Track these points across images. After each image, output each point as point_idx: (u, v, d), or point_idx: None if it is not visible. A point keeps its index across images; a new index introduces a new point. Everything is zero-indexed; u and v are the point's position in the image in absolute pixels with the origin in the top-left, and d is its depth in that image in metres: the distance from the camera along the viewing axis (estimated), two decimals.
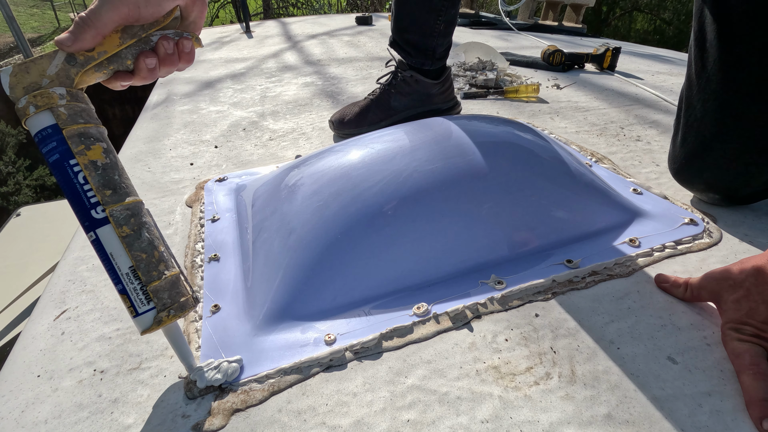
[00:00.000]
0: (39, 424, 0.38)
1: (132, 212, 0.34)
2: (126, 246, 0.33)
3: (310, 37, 2.19)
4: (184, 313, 0.35)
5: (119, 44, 0.34)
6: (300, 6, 7.02)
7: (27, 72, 0.32)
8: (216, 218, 0.66)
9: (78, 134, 0.33)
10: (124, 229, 0.33)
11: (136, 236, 0.34)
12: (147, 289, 0.34)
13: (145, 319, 0.34)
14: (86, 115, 0.34)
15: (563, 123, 1.02)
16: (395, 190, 0.53)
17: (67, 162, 0.32)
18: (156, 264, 0.34)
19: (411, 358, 0.43)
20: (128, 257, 0.33)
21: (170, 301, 0.35)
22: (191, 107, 1.23)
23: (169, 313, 0.34)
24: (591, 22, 8.28)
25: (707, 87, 0.57)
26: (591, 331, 0.45)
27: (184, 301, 0.36)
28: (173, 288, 0.35)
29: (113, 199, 0.33)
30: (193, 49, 0.37)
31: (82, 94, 0.34)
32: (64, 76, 0.33)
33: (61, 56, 0.32)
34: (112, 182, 0.34)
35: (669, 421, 0.36)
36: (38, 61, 0.32)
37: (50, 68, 0.32)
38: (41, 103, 0.32)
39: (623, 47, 1.77)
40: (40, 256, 2.19)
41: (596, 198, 0.60)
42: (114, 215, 0.33)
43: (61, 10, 12.10)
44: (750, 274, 0.40)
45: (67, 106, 0.32)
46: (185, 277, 0.37)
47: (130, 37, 0.34)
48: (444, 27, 0.91)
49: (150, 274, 0.34)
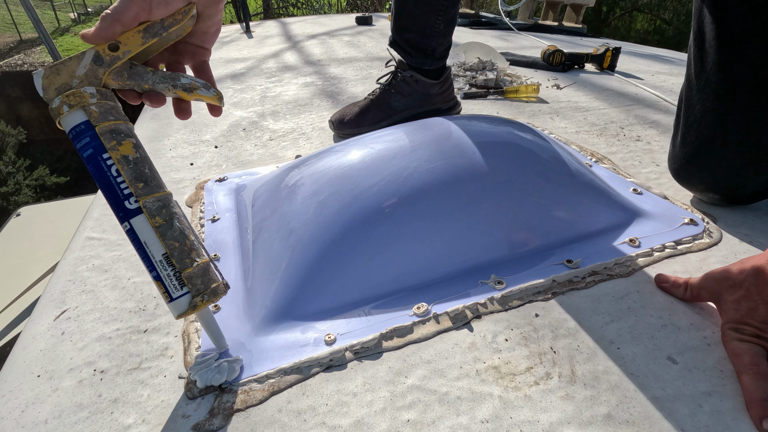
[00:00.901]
0: (39, 424, 0.38)
1: (163, 203, 0.36)
2: (159, 235, 0.35)
3: (310, 37, 2.19)
4: (216, 298, 0.37)
5: (142, 43, 0.35)
6: (300, 6, 7.02)
7: (58, 73, 0.34)
8: (216, 218, 0.66)
9: (109, 131, 0.34)
10: (157, 219, 0.35)
11: (168, 226, 0.36)
12: (181, 275, 0.35)
13: (180, 303, 0.36)
14: (116, 113, 0.35)
15: (563, 123, 1.02)
16: (395, 190, 0.53)
17: (101, 156, 0.34)
18: (188, 252, 0.36)
19: (411, 358, 0.43)
20: (162, 245, 0.35)
21: (203, 287, 0.36)
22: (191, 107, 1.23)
23: (203, 298, 0.36)
24: (591, 22, 8.28)
25: (706, 87, 0.57)
26: (591, 331, 0.45)
27: (216, 287, 0.37)
28: (205, 275, 0.37)
29: (145, 191, 0.35)
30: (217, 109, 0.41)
31: (110, 93, 0.36)
32: (92, 76, 0.34)
33: (89, 57, 0.34)
34: (143, 175, 0.35)
35: (669, 421, 0.36)
36: (67, 62, 0.34)
37: (79, 69, 0.34)
38: (74, 102, 0.33)
39: (623, 47, 1.77)
40: (40, 256, 2.18)
41: (596, 198, 0.60)
42: (147, 206, 0.35)
43: (61, 10, 12.10)
44: (750, 274, 0.40)
45: (97, 104, 0.34)
46: (215, 265, 0.39)
47: (152, 36, 0.35)
48: (444, 27, 0.91)
49: (183, 262, 0.36)
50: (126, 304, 0.52)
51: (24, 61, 9.00)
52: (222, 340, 0.42)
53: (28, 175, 6.82)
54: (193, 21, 0.38)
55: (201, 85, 0.38)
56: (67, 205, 2.84)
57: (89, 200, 0.80)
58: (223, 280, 0.39)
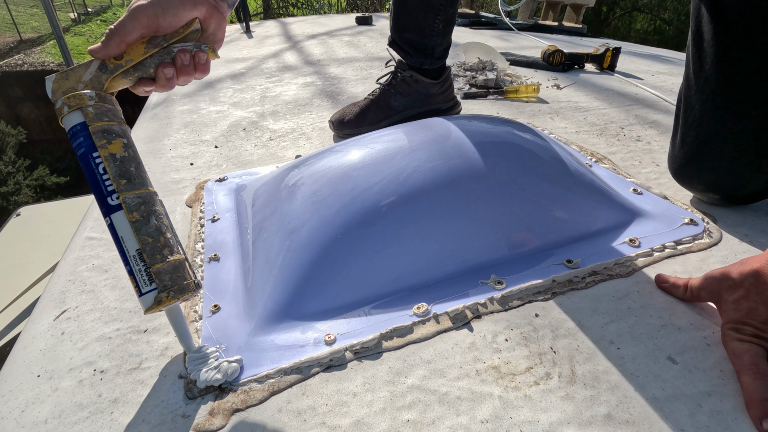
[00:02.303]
0: (39, 424, 0.38)
1: (143, 200, 0.37)
2: (134, 230, 0.36)
3: (310, 37, 2.19)
4: (183, 295, 0.37)
5: (143, 53, 0.38)
6: (300, 6, 7.02)
7: (66, 79, 0.37)
8: (216, 218, 0.66)
9: (102, 130, 0.37)
10: (134, 214, 0.36)
11: (144, 222, 0.37)
12: (150, 270, 0.36)
13: (147, 298, 0.36)
14: (111, 115, 0.38)
15: (563, 123, 1.02)
16: (395, 190, 0.53)
17: (91, 155, 0.36)
18: (161, 248, 0.37)
19: (411, 358, 0.43)
20: (136, 240, 0.36)
21: (171, 284, 0.37)
22: (191, 107, 1.23)
23: (168, 294, 0.36)
24: (591, 22, 8.28)
25: (705, 87, 0.57)
26: (591, 331, 0.45)
27: (185, 285, 0.38)
28: (175, 272, 0.37)
29: (127, 187, 0.37)
30: (208, 61, 0.41)
31: (110, 97, 0.38)
32: (96, 81, 0.37)
33: (95, 65, 0.37)
34: (127, 173, 0.37)
35: (669, 421, 0.36)
36: (76, 69, 0.37)
37: (86, 75, 0.37)
38: (73, 104, 0.36)
39: (623, 47, 1.77)
40: (40, 256, 2.18)
41: (596, 198, 0.60)
42: (126, 202, 0.36)
43: (61, 10, 12.09)
44: (750, 274, 0.40)
45: (95, 106, 0.37)
46: (189, 265, 0.39)
47: (153, 47, 0.38)
48: (443, 26, 0.91)
49: (154, 257, 0.36)
50: (126, 304, 0.52)
51: (24, 61, 9.00)
52: (189, 341, 0.41)
53: (28, 175, 6.82)
54: (197, 34, 0.40)
55: (190, 47, 0.40)
56: (67, 205, 2.84)
57: (89, 200, 0.80)
58: (195, 279, 0.39)
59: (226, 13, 0.41)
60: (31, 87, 7.88)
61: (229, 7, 0.41)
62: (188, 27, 0.39)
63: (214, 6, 0.40)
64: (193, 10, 0.38)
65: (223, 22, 0.42)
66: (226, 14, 0.42)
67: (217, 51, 0.42)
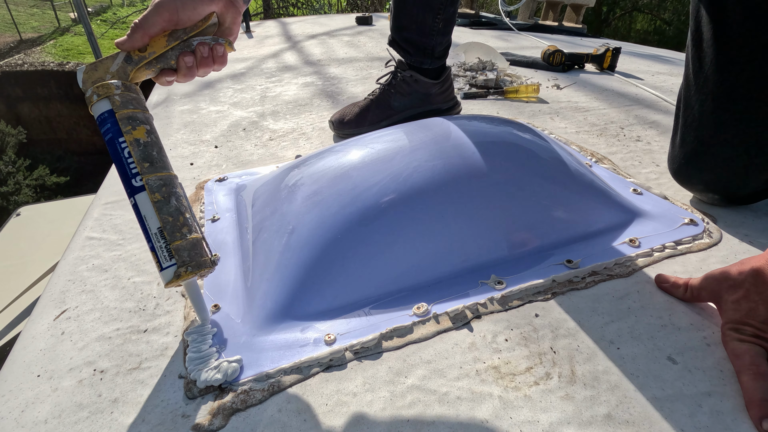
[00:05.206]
0: (39, 423, 0.38)
1: (164, 182, 0.40)
2: (156, 210, 0.39)
3: (310, 37, 2.19)
4: (200, 270, 0.40)
5: (165, 45, 0.41)
6: (300, 6, 7.01)
7: (95, 70, 0.40)
8: (216, 218, 0.66)
9: (127, 117, 0.39)
10: (156, 195, 0.39)
11: (165, 202, 0.39)
12: (170, 247, 0.39)
13: (167, 273, 0.39)
14: (135, 103, 0.40)
15: (563, 123, 1.02)
16: (395, 190, 0.53)
17: (117, 140, 0.39)
18: (180, 227, 0.39)
19: (411, 358, 0.43)
20: (157, 219, 0.39)
21: (189, 259, 0.39)
22: (191, 107, 1.23)
23: (187, 269, 0.39)
24: (591, 22, 8.28)
25: (705, 87, 0.57)
26: (591, 331, 0.45)
27: (203, 261, 0.40)
28: (193, 249, 0.40)
29: (150, 170, 0.39)
30: (225, 53, 0.43)
31: (134, 87, 0.41)
32: (122, 72, 0.40)
33: (121, 57, 0.40)
34: (150, 157, 0.40)
35: (669, 421, 0.36)
36: (104, 61, 0.40)
37: (113, 66, 0.40)
38: (101, 93, 0.39)
39: (623, 47, 1.77)
40: (40, 256, 2.18)
41: (596, 198, 0.60)
42: (149, 183, 0.39)
43: (61, 10, 12.08)
44: (749, 274, 0.40)
45: (121, 95, 0.39)
46: (207, 243, 0.42)
47: (174, 40, 0.41)
48: (443, 25, 0.91)
49: (174, 235, 0.39)
50: (126, 304, 0.52)
51: (24, 60, 9.00)
52: (205, 313, 0.45)
53: (28, 175, 6.81)
54: (215, 27, 0.43)
55: (209, 40, 0.43)
56: (67, 205, 2.85)
57: (89, 200, 0.80)
58: (212, 256, 0.42)
59: (241, 8, 0.43)
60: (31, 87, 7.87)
61: (245, 3, 0.43)
62: (206, 21, 0.41)
63: (230, 1, 0.42)
64: (210, 4, 0.41)
65: (238, 17, 0.44)
66: (242, 9, 0.43)
67: (233, 44, 0.44)
